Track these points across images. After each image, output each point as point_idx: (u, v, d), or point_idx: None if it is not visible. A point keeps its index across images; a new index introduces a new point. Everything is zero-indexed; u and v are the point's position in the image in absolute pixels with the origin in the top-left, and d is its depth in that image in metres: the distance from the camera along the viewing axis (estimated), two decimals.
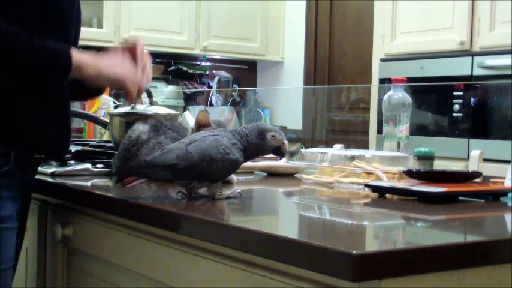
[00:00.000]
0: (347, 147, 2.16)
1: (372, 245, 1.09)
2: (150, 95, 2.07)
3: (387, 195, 1.48)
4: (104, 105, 2.81)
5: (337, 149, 2.13)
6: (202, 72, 5.81)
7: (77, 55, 1.36)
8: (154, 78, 5.54)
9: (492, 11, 3.69)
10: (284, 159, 1.97)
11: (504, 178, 1.55)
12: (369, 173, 1.64)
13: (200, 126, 1.67)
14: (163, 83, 5.58)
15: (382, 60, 4.27)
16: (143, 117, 1.89)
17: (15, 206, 1.42)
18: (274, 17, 5.79)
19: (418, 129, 3.95)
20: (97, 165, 1.76)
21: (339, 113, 5.28)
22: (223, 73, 5.84)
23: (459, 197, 1.45)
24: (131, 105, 2.00)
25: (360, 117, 4.97)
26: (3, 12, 1.33)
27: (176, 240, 1.23)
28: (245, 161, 1.39)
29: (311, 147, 2.00)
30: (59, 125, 1.45)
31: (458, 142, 3.80)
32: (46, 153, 1.52)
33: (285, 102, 5.77)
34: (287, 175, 1.90)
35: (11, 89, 1.36)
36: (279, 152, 1.41)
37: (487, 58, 3.69)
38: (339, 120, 5.25)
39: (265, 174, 1.92)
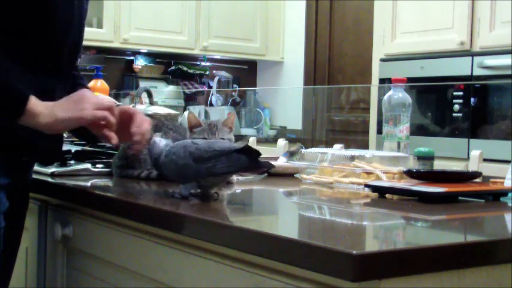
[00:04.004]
0: (347, 147, 2.16)
1: (372, 245, 1.09)
2: (150, 95, 2.07)
3: (387, 195, 1.48)
4: None
5: (337, 149, 2.13)
6: (202, 72, 5.81)
7: (33, 104, 1.33)
8: (154, 78, 5.55)
9: (492, 11, 3.69)
10: (284, 159, 1.97)
11: (504, 178, 1.55)
12: (369, 173, 1.64)
13: (191, 126, 1.68)
14: (163, 83, 5.58)
15: (382, 60, 4.27)
16: None
17: (1, 207, 1.42)
18: (274, 17, 5.79)
19: (418, 129, 3.95)
20: (97, 165, 1.76)
21: (339, 113, 5.28)
22: (223, 73, 5.83)
23: (459, 197, 1.45)
24: (131, 105, 1.99)
25: (360, 117, 4.97)
26: None
27: (176, 240, 1.23)
28: None
29: (311, 147, 2.00)
30: (49, 134, 1.44)
31: (458, 142, 3.80)
32: (34, 157, 1.51)
33: (285, 102, 5.77)
34: (287, 175, 1.90)
35: None
36: None
37: (487, 58, 3.69)
38: (339, 120, 5.25)
39: (265, 174, 1.92)
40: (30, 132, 1.37)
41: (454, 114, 3.85)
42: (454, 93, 3.86)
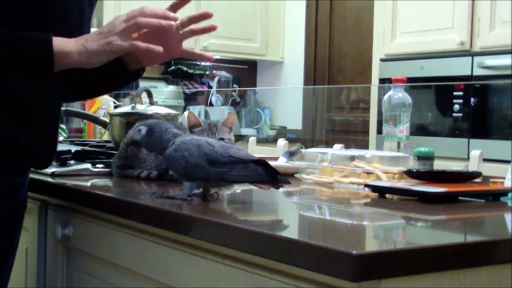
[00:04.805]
0: (347, 147, 2.16)
1: (372, 245, 1.09)
2: (150, 95, 2.07)
3: (387, 195, 1.48)
4: (104, 105, 2.81)
5: (337, 149, 2.13)
6: (202, 72, 5.81)
7: (60, 45, 1.29)
8: (154, 78, 5.55)
9: (492, 11, 3.69)
10: (284, 159, 1.97)
11: (504, 178, 1.55)
12: (369, 173, 1.64)
13: (191, 126, 1.68)
14: (163, 83, 5.58)
15: (382, 60, 4.27)
16: (143, 117, 1.89)
17: None
18: (274, 17, 5.79)
19: (418, 129, 3.95)
20: (97, 165, 1.76)
21: (339, 113, 5.28)
22: (223, 73, 5.83)
23: (459, 197, 1.45)
24: (131, 105, 2.00)
25: (360, 117, 4.97)
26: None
27: (176, 240, 1.23)
28: None
29: (311, 147, 2.00)
30: (42, 139, 1.42)
31: (458, 142, 3.80)
32: (28, 162, 1.48)
33: (285, 102, 5.77)
34: (287, 175, 1.89)
35: None
36: None
37: (487, 58, 3.69)
38: (339, 120, 5.25)
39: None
40: (28, 136, 1.37)
41: (454, 114, 3.85)
42: (454, 93, 3.86)
